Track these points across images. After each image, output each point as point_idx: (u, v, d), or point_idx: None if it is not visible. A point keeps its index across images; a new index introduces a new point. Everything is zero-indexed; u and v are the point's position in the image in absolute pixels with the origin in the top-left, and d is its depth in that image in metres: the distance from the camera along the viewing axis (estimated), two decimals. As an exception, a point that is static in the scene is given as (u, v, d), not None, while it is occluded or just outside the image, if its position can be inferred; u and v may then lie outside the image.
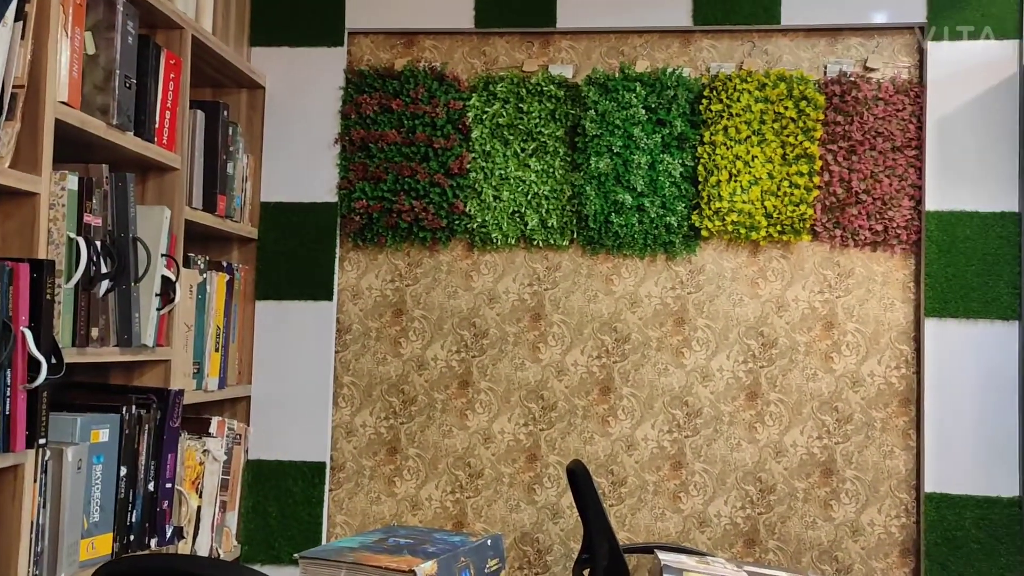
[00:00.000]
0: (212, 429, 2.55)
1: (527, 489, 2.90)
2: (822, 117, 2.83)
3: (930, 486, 2.70)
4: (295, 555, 1.69)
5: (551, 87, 2.91)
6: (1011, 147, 2.73)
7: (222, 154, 2.63)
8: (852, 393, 2.81)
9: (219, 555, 2.58)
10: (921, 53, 2.83)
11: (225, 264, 2.76)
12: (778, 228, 2.83)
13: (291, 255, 2.96)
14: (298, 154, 2.99)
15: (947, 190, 2.76)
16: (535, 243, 2.93)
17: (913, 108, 2.81)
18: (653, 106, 2.87)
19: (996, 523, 2.65)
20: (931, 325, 2.75)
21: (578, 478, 2.49)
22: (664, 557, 1.97)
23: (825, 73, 2.88)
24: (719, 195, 2.84)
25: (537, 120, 2.92)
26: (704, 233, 2.86)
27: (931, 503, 2.69)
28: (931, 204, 2.77)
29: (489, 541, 1.87)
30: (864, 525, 2.77)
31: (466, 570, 1.80)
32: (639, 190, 2.86)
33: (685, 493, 2.85)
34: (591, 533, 2.51)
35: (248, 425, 2.90)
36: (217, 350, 2.63)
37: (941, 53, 2.78)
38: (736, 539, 2.82)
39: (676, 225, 2.86)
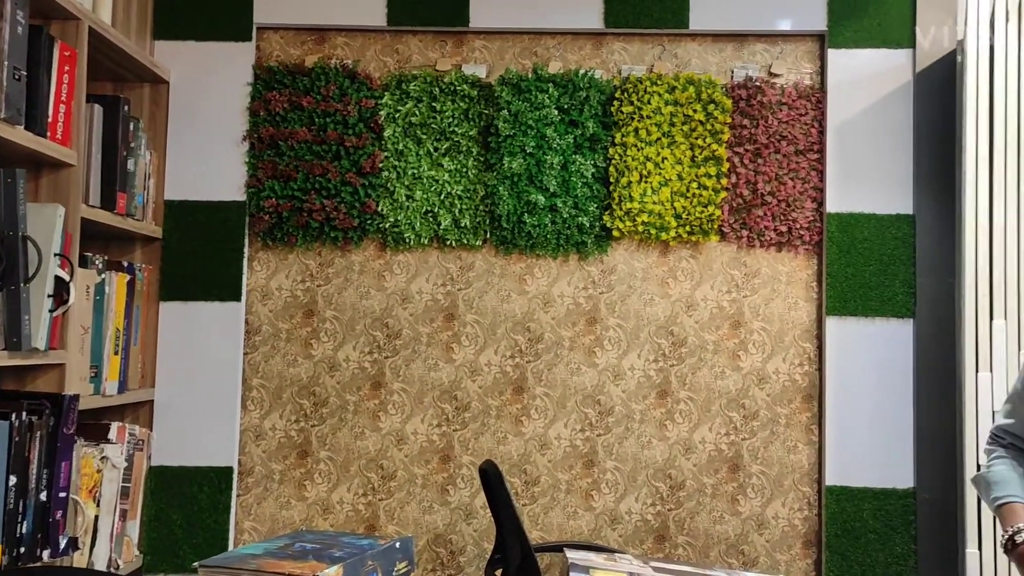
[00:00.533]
0: (111, 435, 2.46)
1: (440, 490, 2.89)
2: (729, 120, 2.89)
3: (831, 479, 2.79)
4: (194, 564, 1.63)
5: (464, 87, 2.91)
6: (906, 152, 2.84)
7: (122, 150, 2.54)
8: (758, 390, 2.89)
9: (119, 566, 2.49)
10: (822, 60, 2.92)
11: (126, 264, 2.66)
12: (687, 229, 2.89)
13: (197, 255, 2.88)
14: (204, 151, 2.91)
15: (847, 193, 2.86)
16: (448, 243, 2.92)
17: (815, 113, 2.90)
18: (566, 107, 2.89)
19: (892, 513, 2.76)
20: (832, 323, 2.84)
21: (490, 478, 2.49)
22: (572, 555, 1.98)
23: (732, 77, 2.94)
24: (630, 196, 2.87)
25: (450, 119, 2.90)
26: (615, 233, 2.89)
27: (832, 496, 2.78)
28: (832, 206, 2.86)
29: (398, 544, 1.86)
30: (769, 518, 2.85)
31: (373, 573, 1.78)
32: (552, 190, 2.87)
33: (597, 491, 2.88)
34: (503, 533, 2.51)
35: (151, 430, 2.81)
36: (117, 353, 2.54)
37: (841, 60, 2.88)
38: (647, 535, 2.86)
39: (588, 225, 2.89)
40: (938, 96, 2.79)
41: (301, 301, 2.94)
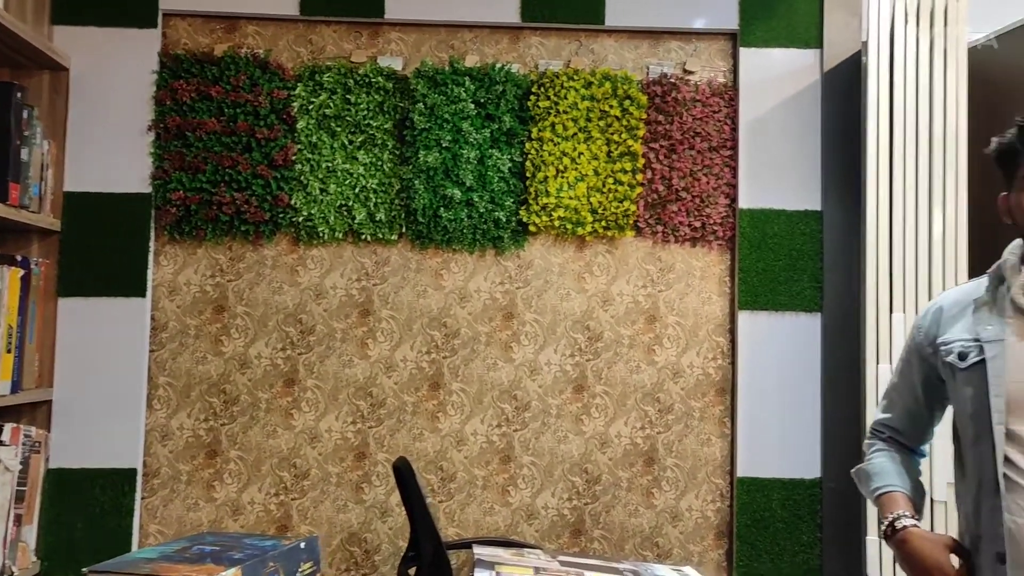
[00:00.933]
0: (4, 436, 2.35)
1: (355, 488, 2.85)
2: (645, 116, 2.92)
3: (742, 471, 2.84)
4: (84, 569, 1.57)
5: (380, 79, 2.86)
6: (815, 149, 2.91)
7: (15, 139, 2.43)
8: (673, 384, 2.92)
9: (13, 572, 2.38)
10: (735, 58, 2.97)
11: (20, 258, 2.55)
12: (603, 224, 2.90)
13: (99, 249, 2.77)
14: (107, 141, 2.81)
15: (758, 189, 2.91)
16: (363, 237, 2.87)
17: (728, 110, 2.95)
18: (482, 101, 2.87)
19: (799, 503, 2.82)
20: (744, 318, 2.89)
21: (403, 475, 2.46)
22: (480, 552, 1.97)
23: (648, 74, 2.97)
24: (546, 191, 2.87)
25: (365, 112, 2.86)
26: (532, 228, 2.89)
27: (743, 487, 2.83)
28: (744, 202, 2.91)
29: (303, 544, 1.81)
30: (683, 511, 2.89)
31: (275, 575, 1.73)
32: (468, 185, 2.85)
33: (514, 487, 2.87)
34: (417, 530, 2.49)
35: (49, 431, 2.69)
36: (9, 351, 2.43)
37: (752, 59, 2.93)
38: (563, 530, 2.87)
39: (505, 220, 2.88)
40: (845, 95, 2.86)
41: (211, 296, 2.85)
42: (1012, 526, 1.28)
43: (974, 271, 2.71)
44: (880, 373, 2.43)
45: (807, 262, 2.89)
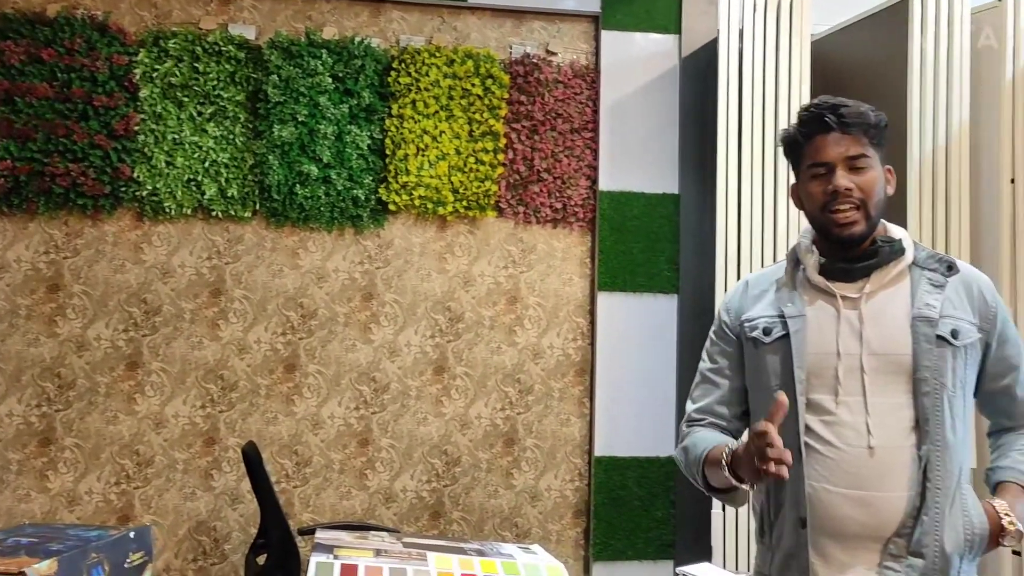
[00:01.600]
0: None
1: (204, 475, 2.73)
2: (507, 96, 2.90)
3: (600, 450, 2.88)
4: None
5: (230, 48, 2.73)
6: (673, 133, 2.96)
7: None
8: (533, 365, 2.92)
9: None
10: (597, 41, 2.98)
11: None
12: (465, 204, 2.87)
13: (-85, 221, 2.55)
14: (-76, 104, 2.58)
15: (618, 172, 2.94)
16: (214, 214, 2.74)
17: (590, 92, 2.96)
18: (340, 75, 2.79)
19: (654, 481, 2.88)
20: (603, 299, 2.92)
21: (251, 460, 2.38)
22: (320, 535, 1.91)
23: (511, 53, 2.95)
24: (407, 169, 2.82)
25: (215, 82, 2.73)
26: (392, 207, 2.83)
27: (600, 466, 2.87)
28: (604, 184, 2.93)
29: (132, 534, 1.71)
30: (542, 491, 2.90)
31: (99, 567, 1.63)
32: (325, 161, 2.77)
33: (372, 470, 2.82)
34: (266, 516, 2.41)
35: None
36: None
37: (613, 42, 2.95)
38: (422, 512, 2.84)
39: (364, 198, 2.81)
40: (702, 81, 2.92)
41: (44, 275, 2.67)
42: (811, 491, 1.33)
43: (817, 254, 2.82)
44: (727, 352, 2.50)
45: (665, 244, 2.94)
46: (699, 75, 2.91)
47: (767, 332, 1.42)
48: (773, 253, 2.53)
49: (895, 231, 1.42)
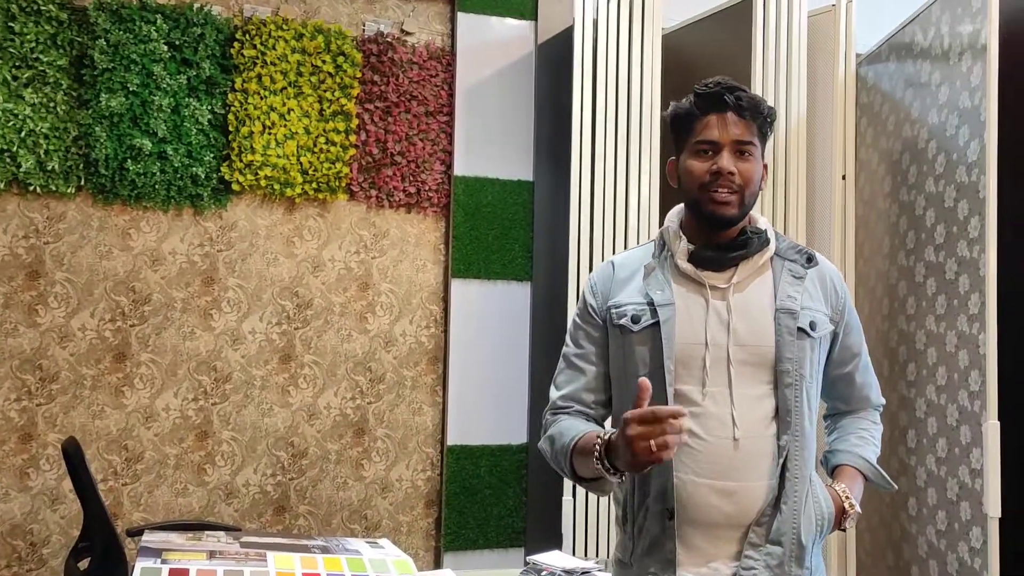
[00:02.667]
0: None
1: (19, 474, 2.50)
2: (359, 75, 2.80)
3: (452, 439, 2.84)
4: None
5: (51, 7, 2.49)
6: (528, 119, 2.95)
7: None
8: (385, 353, 2.85)
9: None
10: (453, 23, 2.93)
11: None
12: (314, 186, 2.75)
13: None
14: None
15: (474, 157, 2.90)
16: (32, 188, 2.50)
17: (445, 75, 2.90)
18: (177, 43, 2.60)
19: (506, 469, 2.87)
20: (457, 286, 2.87)
21: (71, 458, 2.18)
22: (148, 538, 1.77)
23: (364, 31, 2.84)
24: (251, 147, 2.67)
25: (33, 44, 2.48)
26: (235, 187, 2.68)
27: (452, 455, 2.83)
28: (459, 169, 2.89)
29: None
30: (393, 481, 2.83)
31: None
32: (160, 135, 2.58)
33: (211, 464, 2.66)
34: (90, 518, 2.22)
35: None
36: None
37: (469, 25, 2.90)
38: (266, 508, 2.71)
39: (204, 177, 2.64)
40: (557, 68, 2.92)
41: None
42: (678, 482, 1.32)
43: (665, 243, 2.89)
44: (579, 339, 2.52)
45: (519, 231, 2.93)
46: (555, 62, 2.91)
47: (635, 320, 1.39)
48: (624, 241, 2.56)
49: (761, 221, 1.42)
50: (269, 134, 2.69)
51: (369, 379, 2.82)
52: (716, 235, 1.38)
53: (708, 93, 1.35)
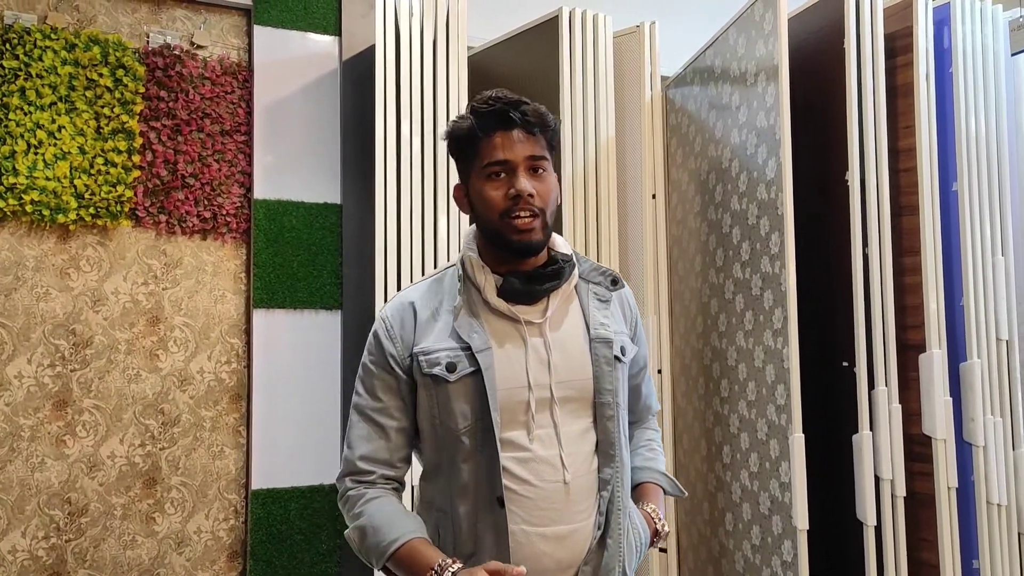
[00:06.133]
0: None
1: None
2: (143, 90, 2.56)
3: (257, 483, 2.62)
4: None
5: None
6: (334, 139, 2.79)
7: None
8: (180, 393, 2.60)
9: None
10: (250, 36, 2.74)
11: None
12: (92, 211, 2.48)
13: None
14: None
15: (275, 179, 2.71)
16: None
17: (242, 92, 2.71)
18: (-80, 51, 2.29)
19: (318, 511, 2.68)
20: (260, 317, 2.67)
21: None
22: None
23: (148, 43, 2.61)
24: (15, 169, 2.38)
25: None
26: (-5, 213, 2.38)
27: (257, 500, 2.61)
28: (260, 192, 2.69)
29: None
30: (191, 534, 2.58)
31: None
32: (-101, 155, 2.25)
33: (-31, 530, 2.33)
34: None
35: None
36: None
37: (268, 39, 2.73)
38: None
39: (-44, 202, 2.32)
40: (363, 86, 2.79)
41: None
42: (519, 534, 1.22)
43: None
44: (388, 370, 2.37)
45: (327, 257, 2.76)
46: (360, 80, 2.78)
47: (451, 368, 1.24)
48: (434, 263, 2.45)
49: (560, 243, 1.33)
50: (36, 154, 2.40)
51: (162, 422, 2.56)
52: (520, 263, 1.27)
53: (491, 111, 1.25)
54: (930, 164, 2.19)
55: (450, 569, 1.16)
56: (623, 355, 1.31)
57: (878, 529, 2.14)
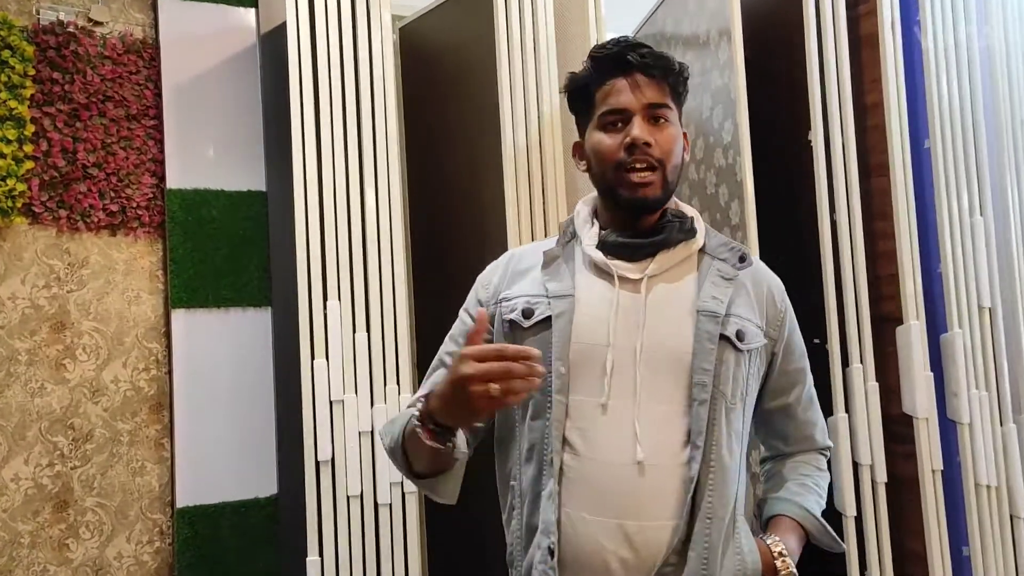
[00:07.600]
0: None
1: None
2: (33, 72, 2.30)
3: (183, 500, 2.38)
4: None
5: None
6: (256, 121, 2.56)
7: None
8: (92, 405, 2.35)
9: None
10: (155, 10, 2.49)
11: None
12: (-19, 208, 2.23)
13: None
14: None
15: (191, 166, 2.47)
16: None
17: (149, 72, 2.46)
18: None
19: (255, 526, 2.45)
20: (179, 318, 2.43)
21: None
22: None
23: (38, 20, 2.36)
24: None
25: None
26: None
27: (184, 519, 2.37)
28: (174, 182, 2.45)
29: None
30: (111, 560, 2.34)
31: None
32: None
33: None
34: None
35: None
36: None
37: (176, 13, 2.48)
38: (-65, 616, 2.15)
39: None
40: (283, 61, 2.54)
41: None
42: (565, 518, 1.07)
43: (415, 251, 2.58)
44: (317, 369, 2.14)
45: (253, 250, 2.53)
46: (280, 55, 2.53)
47: (527, 314, 1.14)
48: (364, 256, 2.21)
49: (687, 209, 1.19)
50: (-89, 146, 2.15)
51: (72, 439, 2.32)
52: (634, 221, 1.16)
53: (606, 55, 1.14)
54: (899, 120, 2.01)
55: (418, 404, 1.07)
56: (739, 340, 1.12)
57: (859, 519, 1.96)
